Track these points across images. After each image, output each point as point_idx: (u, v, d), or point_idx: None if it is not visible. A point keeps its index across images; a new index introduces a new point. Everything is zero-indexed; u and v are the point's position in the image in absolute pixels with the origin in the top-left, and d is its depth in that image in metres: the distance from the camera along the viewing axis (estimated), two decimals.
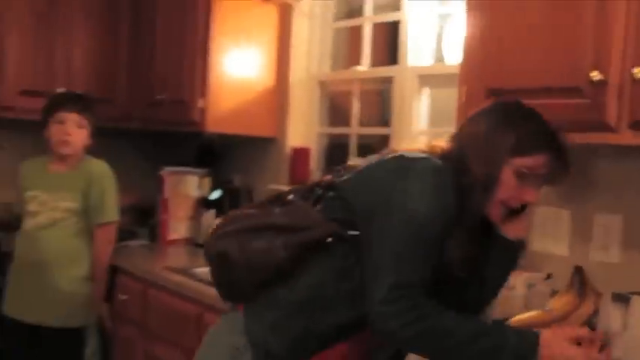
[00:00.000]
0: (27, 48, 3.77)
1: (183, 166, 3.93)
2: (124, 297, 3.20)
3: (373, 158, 1.78)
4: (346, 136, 3.48)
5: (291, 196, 1.82)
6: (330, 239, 1.67)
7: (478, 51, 2.18)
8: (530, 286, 2.28)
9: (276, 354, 1.68)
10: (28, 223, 3.15)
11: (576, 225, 2.35)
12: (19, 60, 3.76)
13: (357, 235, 1.65)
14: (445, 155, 1.71)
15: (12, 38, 3.74)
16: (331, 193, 1.76)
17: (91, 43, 3.94)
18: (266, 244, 1.69)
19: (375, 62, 3.37)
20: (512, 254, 1.77)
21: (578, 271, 2.19)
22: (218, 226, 1.86)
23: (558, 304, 2.16)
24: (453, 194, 1.63)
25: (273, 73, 3.62)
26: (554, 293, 2.24)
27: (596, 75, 1.83)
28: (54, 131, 3.11)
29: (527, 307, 2.26)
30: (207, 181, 3.86)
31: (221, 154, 4.04)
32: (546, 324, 2.13)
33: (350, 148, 3.43)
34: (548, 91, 1.97)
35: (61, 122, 3.10)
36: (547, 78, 1.98)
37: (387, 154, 1.76)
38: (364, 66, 3.39)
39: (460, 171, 1.66)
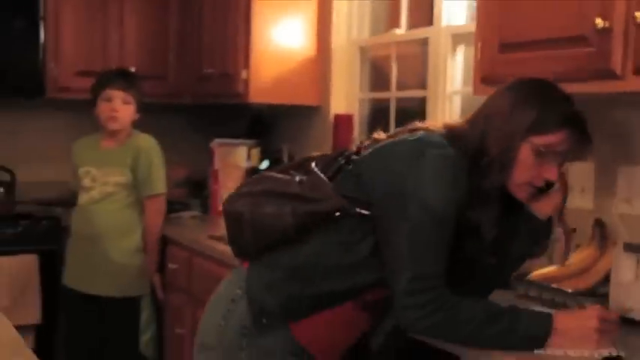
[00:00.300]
0: (80, 31, 3.94)
1: (236, 138, 4.01)
2: (173, 266, 3.32)
3: (396, 134, 1.82)
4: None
5: (313, 164, 1.86)
6: (338, 214, 1.72)
7: (491, 6, 2.16)
8: (553, 241, 2.26)
9: (270, 311, 1.75)
10: (83, 198, 3.30)
11: (600, 178, 2.30)
12: (73, 42, 3.93)
13: (365, 214, 1.70)
14: (463, 134, 1.73)
15: (66, 22, 3.91)
16: (349, 167, 1.79)
17: (142, 22, 4.07)
18: (275, 210, 1.76)
19: (416, 24, 3.35)
20: (538, 233, 1.80)
21: (599, 224, 2.15)
22: (241, 185, 1.94)
23: (578, 258, 2.14)
24: (466, 181, 1.66)
25: (314, 42, 3.64)
26: (577, 248, 2.22)
27: (600, 22, 1.79)
28: (102, 109, 3.24)
29: (550, 262, 2.24)
30: (256, 152, 3.93)
31: (270, 125, 4.10)
32: (565, 278, 2.12)
33: (390, 112, 3.43)
34: (556, 42, 1.94)
35: (108, 100, 3.23)
36: (555, 28, 1.95)
37: (409, 129, 1.80)
38: (402, 29, 3.38)
39: (477, 152, 1.69)
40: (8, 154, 4.04)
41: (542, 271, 2.16)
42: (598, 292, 2.02)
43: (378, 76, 3.66)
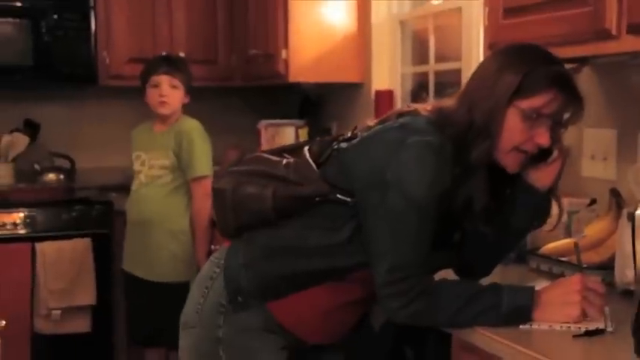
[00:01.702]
0: (130, 19, 4.03)
1: (288, 118, 4.02)
2: (216, 247, 3.34)
3: (386, 119, 1.78)
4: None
5: (306, 148, 1.84)
6: (318, 199, 1.71)
7: None
8: (572, 212, 2.16)
9: (246, 290, 1.75)
10: (134, 183, 3.35)
11: (623, 146, 2.19)
12: (124, 30, 4.02)
13: (346, 200, 1.68)
14: (451, 112, 1.67)
15: (116, 10, 4.00)
16: (337, 154, 1.77)
17: (190, 7, 4.12)
18: (257, 190, 1.76)
19: None
20: (537, 203, 1.73)
21: (615, 194, 2.05)
22: (233, 164, 1.94)
23: (593, 230, 2.04)
24: (451, 168, 1.62)
25: (354, 18, 3.60)
26: (596, 218, 2.12)
27: None
28: (151, 95, 3.28)
29: (567, 235, 2.15)
30: (304, 132, 3.92)
31: (319, 104, 4.09)
32: (580, 250, 2.02)
33: (429, 86, 3.36)
34: (555, 3, 1.86)
35: (156, 85, 3.25)
36: None
37: (398, 113, 1.77)
38: (439, 0, 3.30)
39: (465, 127, 1.64)
40: (67, 141, 4.18)
41: (555, 244, 2.07)
42: (612, 266, 1.92)
43: (422, 50, 3.58)
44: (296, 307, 1.74)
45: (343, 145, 1.77)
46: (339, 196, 1.69)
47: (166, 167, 3.28)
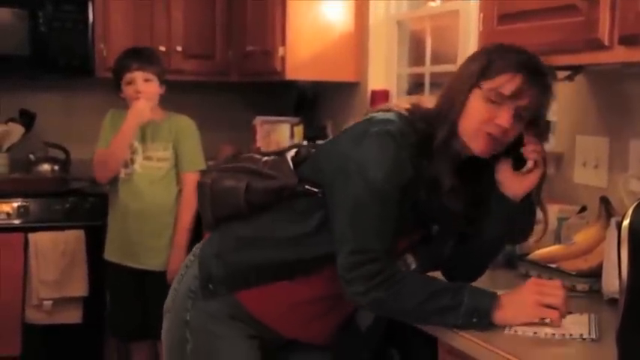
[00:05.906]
0: (128, 11, 4.03)
1: (284, 115, 4.02)
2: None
3: (366, 114, 1.81)
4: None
5: (293, 150, 1.88)
6: (288, 191, 1.76)
7: None
8: (562, 219, 2.18)
9: (216, 279, 1.81)
10: (124, 171, 3.27)
11: (614, 153, 2.20)
12: (121, 23, 4.01)
13: (314, 191, 1.73)
14: (430, 108, 1.71)
15: (114, 3, 4.00)
16: (314, 151, 1.84)
17: (189, 1, 4.10)
18: (232, 184, 1.83)
19: None
20: (509, 212, 1.75)
21: (604, 202, 2.06)
22: (221, 162, 2.01)
23: (582, 237, 2.06)
24: (412, 156, 1.65)
25: (352, 17, 3.61)
26: (586, 225, 2.13)
27: None
28: (127, 92, 3.25)
29: (557, 241, 2.16)
30: (300, 129, 3.92)
31: (315, 102, 4.09)
32: (567, 258, 2.04)
33: (425, 87, 3.37)
34: (549, 11, 1.87)
35: (130, 82, 3.24)
36: None
37: (381, 110, 1.78)
38: (436, 2, 3.31)
39: (436, 117, 1.68)
40: (62, 132, 4.17)
41: (544, 250, 2.08)
42: (600, 274, 1.93)
43: (418, 51, 3.59)
44: (265, 297, 1.78)
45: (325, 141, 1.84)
46: (307, 187, 1.74)
47: (166, 159, 3.29)
